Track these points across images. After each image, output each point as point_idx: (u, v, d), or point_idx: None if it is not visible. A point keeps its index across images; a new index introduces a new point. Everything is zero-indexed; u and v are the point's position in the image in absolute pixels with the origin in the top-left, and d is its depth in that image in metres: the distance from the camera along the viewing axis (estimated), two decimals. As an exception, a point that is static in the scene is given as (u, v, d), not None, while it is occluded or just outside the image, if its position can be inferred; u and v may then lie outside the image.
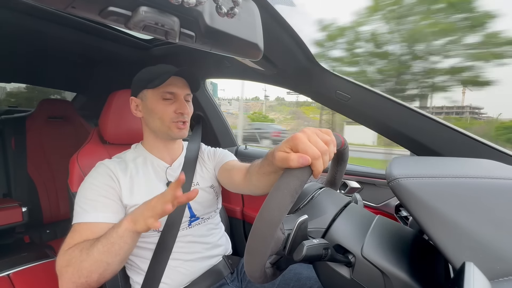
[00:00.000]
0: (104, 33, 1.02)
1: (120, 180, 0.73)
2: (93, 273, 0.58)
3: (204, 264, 0.81)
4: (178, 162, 0.86)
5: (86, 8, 0.34)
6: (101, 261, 0.57)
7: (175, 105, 0.77)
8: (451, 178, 0.39)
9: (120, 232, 0.58)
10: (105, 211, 0.68)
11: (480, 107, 22.51)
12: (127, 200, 0.72)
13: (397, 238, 0.49)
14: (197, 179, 0.87)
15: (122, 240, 0.58)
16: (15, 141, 1.52)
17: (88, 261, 0.57)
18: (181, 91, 0.78)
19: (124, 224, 0.59)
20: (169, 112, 0.77)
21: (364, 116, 0.85)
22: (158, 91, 0.77)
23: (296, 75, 0.92)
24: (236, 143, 1.53)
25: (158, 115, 0.77)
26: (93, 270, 0.57)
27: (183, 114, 0.78)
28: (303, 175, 0.40)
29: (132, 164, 0.79)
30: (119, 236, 0.58)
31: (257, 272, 0.41)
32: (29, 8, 0.84)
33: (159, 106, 0.76)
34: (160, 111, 0.76)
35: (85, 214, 0.66)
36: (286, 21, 0.69)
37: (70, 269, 0.58)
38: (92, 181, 0.71)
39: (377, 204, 0.99)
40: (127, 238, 0.58)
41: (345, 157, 0.65)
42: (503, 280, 0.31)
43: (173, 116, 0.77)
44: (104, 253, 0.57)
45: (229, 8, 0.38)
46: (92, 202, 0.68)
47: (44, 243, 1.48)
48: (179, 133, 0.79)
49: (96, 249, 0.57)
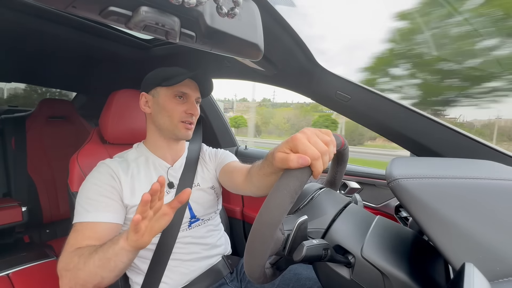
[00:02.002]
0: (104, 33, 1.03)
1: (122, 180, 0.73)
2: (88, 283, 0.57)
3: (203, 264, 0.81)
4: (180, 162, 0.86)
5: (87, 8, 0.34)
6: (95, 274, 0.57)
7: (186, 105, 0.79)
8: (451, 179, 0.39)
9: (117, 250, 0.56)
10: (107, 211, 0.68)
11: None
12: (128, 200, 0.72)
13: (397, 239, 0.49)
14: (198, 180, 0.87)
15: (118, 258, 0.56)
16: (15, 140, 1.52)
17: (84, 271, 0.56)
18: (193, 93, 0.81)
19: (121, 243, 0.56)
20: (179, 111, 0.78)
21: (364, 116, 0.85)
22: (172, 90, 0.78)
23: (296, 76, 0.92)
24: (236, 143, 1.53)
25: (168, 112, 0.78)
26: (88, 280, 0.57)
27: (193, 115, 0.80)
28: (303, 175, 0.40)
29: (134, 163, 0.79)
30: (115, 253, 0.56)
31: (256, 272, 0.41)
32: (30, 8, 0.84)
33: (171, 104, 0.78)
34: (171, 109, 0.78)
35: (86, 214, 0.66)
36: (287, 22, 0.69)
37: (68, 274, 0.58)
38: (93, 181, 0.71)
39: (377, 204, 0.99)
40: (122, 257, 0.56)
41: (345, 158, 0.65)
42: (502, 281, 0.31)
43: (183, 116, 0.79)
44: (99, 267, 0.56)
45: (230, 8, 0.38)
46: (93, 201, 0.68)
47: (44, 242, 1.49)
48: (186, 133, 0.80)
49: (92, 262, 0.56)
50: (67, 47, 1.12)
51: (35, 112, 1.63)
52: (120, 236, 0.57)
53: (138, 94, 0.85)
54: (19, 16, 0.86)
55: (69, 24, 0.94)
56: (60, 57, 1.26)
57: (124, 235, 0.57)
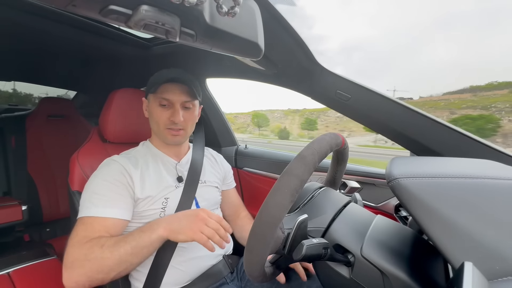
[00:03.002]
0: (104, 31, 1.02)
1: (132, 174, 0.74)
2: (113, 271, 0.60)
3: (204, 263, 0.81)
4: (186, 159, 0.89)
5: (87, 6, 0.34)
6: (125, 262, 0.61)
7: (170, 112, 0.79)
8: (451, 178, 0.39)
9: (154, 238, 0.62)
10: (116, 207, 0.69)
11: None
12: (139, 193, 0.74)
13: (397, 238, 0.49)
14: (205, 177, 0.89)
15: (153, 246, 0.63)
16: (15, 139, 1.52)
17: (112, 260, 0.59)
18: (177, 98, 0.78)
19: (159, 232, 0.62)
20: (163, 118, 0.78)
21: (364, 116, 0.85)
22: (156, 97, 0.78)
23: (296, 75, 0.92)
24: (236, 142, 1.53)
25: (155, 119, 0.80)
26: (115, 268, 0.60)
27: (175, 122, 0.78)
28: (303, 174, 0.40)
29: (143, 160, 0.80)
30: (151, 242, 0.62)
31: (256, 271, 0.42)
32: (29, 6, 0.84)
33: (156, 111, 0.79)
34: (156, 116, 0.79)
35: (96, 209, 0.67)
36: (287, 21, 0.69)
37: (89, 264, 0.59)
38: (103, 177, 0.72)
39: (377, 204, 0.99)
40: (157, 244, 0.63)
41: (345, 157, 0.65)
42: (502, 280, 0.32)
43: (167, 123, 0.79)
44: (132, 255, 0.61)
45: (230, 7, 0.38)
46: (103, 197, 0.69)
47: (44, 241, 1.49)
48: (173, 139, 0.81)
49: (123, 250, 0.60)
50: (67, 45, 1.12)
51: (35, 111, 1.63)
52: (153, 228, 0.63)
53: (138, 93, 0.86)
54: (19, 15, 0.86)
55: (69, 22, 0.94)
56: (60, 56, 1.26)
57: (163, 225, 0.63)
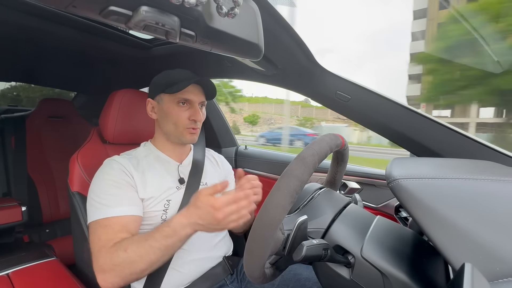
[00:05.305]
0: (104, 32, 1.02)
1: (134, 175, 0.75)
2: (146, 271, 0.63)
3: (204, 265, 0.81)
4: (187, 160, 0.89)
5: (87, 7, 0.34)
6: (157, 262, 0.62)
7: (190, 111, 0.79)
8: (451, 179, 0.39)
9: (182, 237, 0.62)
10: (129, 204, 0.70)
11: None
12: (142, 194, 0.74)
13: (397, 239, 0.49)
14: (207, 179, 0.89)
15: (181, 243, 0.64)
16: (15, 140, 1.52)
17: (143, 263, 0.62)
18: (197, 98, 0.80)
19: (187, 231, 0.62)
20: (183, 118, 0.79)
21: (364, 116, 0.85)
22: (174, 97, 0.78)
23: (296, 75, 0.92)
24: (236, 143, 1.53)
25: (173, 119, 0.79)
26: (147, 269, 0.63)
27: (196, 121, 0.80)
28: (303, 175, 0.40)
29: (144, 160, 0.80)
30: (180, 240, 0.62)
31: (256, 272, 0.41)
32: (30, 8, 0.84)
33: (174, 111, 0.78)
34: (175, 116, 0.78)
35: (111, 209, 0.67)
36: (287, 21, 0.69)
37: (119, 268, 0.61)
38: (108, 177, 0.72)
39: (377, 204, 0.99)
40: (185, 241, 0.64)
41: (345, 158, 0.65)
42: (502, 282, 0.31)
43: (187, 123, 0.79)
44: (163, 256, 0.62)
45: (230, 8, 0.38)
46: (113, 196, 0.69)
47: (44, 242, 1.48)
48: (191, 138, 0.82)
49: (153, 252, 0.61)
50: (67, 46, 1.12)
51: (35, 112, 1.63)
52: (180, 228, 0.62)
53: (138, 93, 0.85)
54: (19, 16, 0.86)
55: (69, 24, 0.94)
56: (60, 57, 1.26)
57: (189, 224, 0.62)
